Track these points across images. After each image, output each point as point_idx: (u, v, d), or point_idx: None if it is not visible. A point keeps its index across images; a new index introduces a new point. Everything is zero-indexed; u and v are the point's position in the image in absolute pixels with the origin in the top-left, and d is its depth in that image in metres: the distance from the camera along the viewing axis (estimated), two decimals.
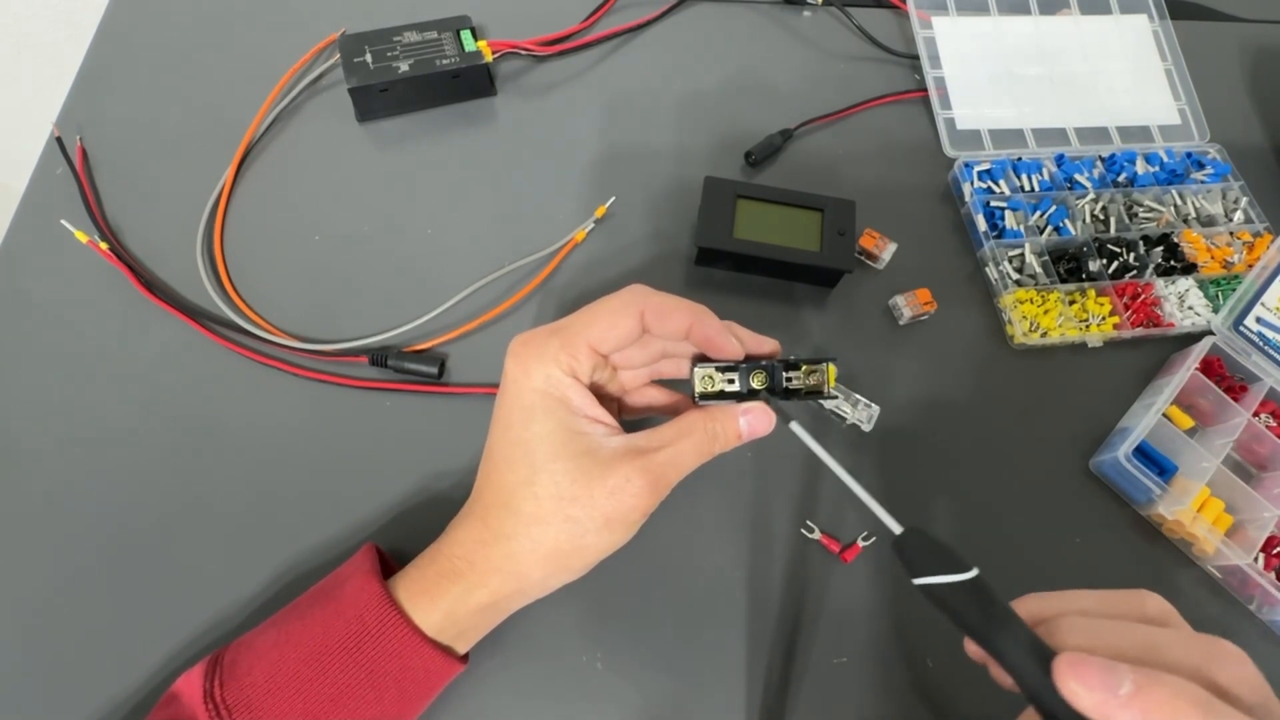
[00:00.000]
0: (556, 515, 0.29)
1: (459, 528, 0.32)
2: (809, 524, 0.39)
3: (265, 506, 0.38)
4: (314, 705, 0.28)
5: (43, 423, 0.39)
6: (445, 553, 0.31)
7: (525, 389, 0.30)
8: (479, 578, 0.30)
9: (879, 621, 0.38)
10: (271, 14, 0.53)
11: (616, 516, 0.29)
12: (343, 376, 0.41)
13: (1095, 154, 0.51)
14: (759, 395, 0.32)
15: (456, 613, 0.30)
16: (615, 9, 0.55)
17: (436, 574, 0.31)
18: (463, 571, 0.30)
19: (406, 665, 0.29)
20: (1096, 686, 0.21)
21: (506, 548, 0.30)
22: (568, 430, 0.29)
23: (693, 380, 0.32)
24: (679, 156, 0.50)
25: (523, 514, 0.29)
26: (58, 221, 0.43)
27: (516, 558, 0.30)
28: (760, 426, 0.31)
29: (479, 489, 0.32)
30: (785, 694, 0.36)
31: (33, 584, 0.36)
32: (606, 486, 0.29)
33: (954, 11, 0.56)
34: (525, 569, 0.30)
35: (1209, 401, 0.43)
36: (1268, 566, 0.39)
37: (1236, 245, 0.48)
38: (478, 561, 0.30)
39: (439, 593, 0.30)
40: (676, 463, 0.30)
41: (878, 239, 0.46)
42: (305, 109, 0.49)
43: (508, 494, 0.30)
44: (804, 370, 0.32)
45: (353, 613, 0.29)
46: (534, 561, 0.30)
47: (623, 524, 0.30)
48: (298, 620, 0.30)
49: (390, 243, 0.46)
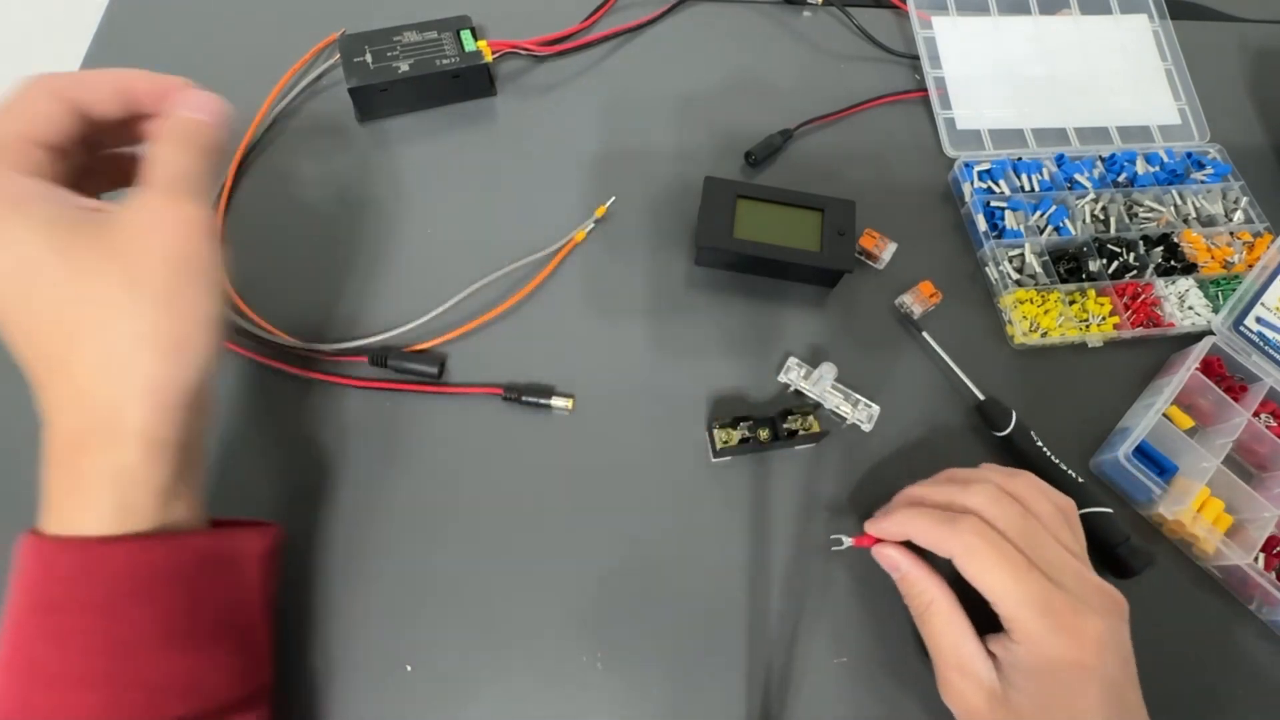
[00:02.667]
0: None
1: None
2: (837, 537, 0.38)
3: (264, 506, 0.38)
4: None
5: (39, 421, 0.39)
6: None
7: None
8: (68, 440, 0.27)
9: (879, 621, 0.38)
10: (271, 13, 0.53)
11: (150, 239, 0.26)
12: (342, 376, 0.41)
13: (1095, 154, 0.51)
14: (767, 446, 0.40)
15: (92, 490, 0.26)
16: (615, 9, 0.55)
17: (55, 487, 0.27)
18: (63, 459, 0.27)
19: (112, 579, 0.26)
20: None
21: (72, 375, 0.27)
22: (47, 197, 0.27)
23: (712, 438, 0.40)
24: (679, 156, 0.50)
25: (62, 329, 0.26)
26: None
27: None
28: (208, 103, 0.32)
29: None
30: (785, 694, 0.36)
31: None
32: (122, 221, 0.26)
33: (954, 11, 0.56)
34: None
35: (1209, 401, 0.43)
36: (1268, 566, 0.39)
37: (1236, 245, 0.48)
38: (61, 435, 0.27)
39: (61, 491, 0.27)
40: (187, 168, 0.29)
41: (878, 239, 0.46)
42: (305, 109, 0.49)
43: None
44: (798, 415, 0.40)
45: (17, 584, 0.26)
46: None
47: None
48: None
49: (390, 242, 0.46)
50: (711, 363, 0.43)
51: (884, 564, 0.36)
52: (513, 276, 0.44)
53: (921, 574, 0.35)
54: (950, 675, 0.33)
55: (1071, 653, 0.30)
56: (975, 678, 0.32)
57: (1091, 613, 0.31)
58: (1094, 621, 0.30)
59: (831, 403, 0.42)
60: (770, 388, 0.43)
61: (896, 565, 0.36)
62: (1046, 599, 0.31)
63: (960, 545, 0.32)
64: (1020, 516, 0.33)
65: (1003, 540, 0.32)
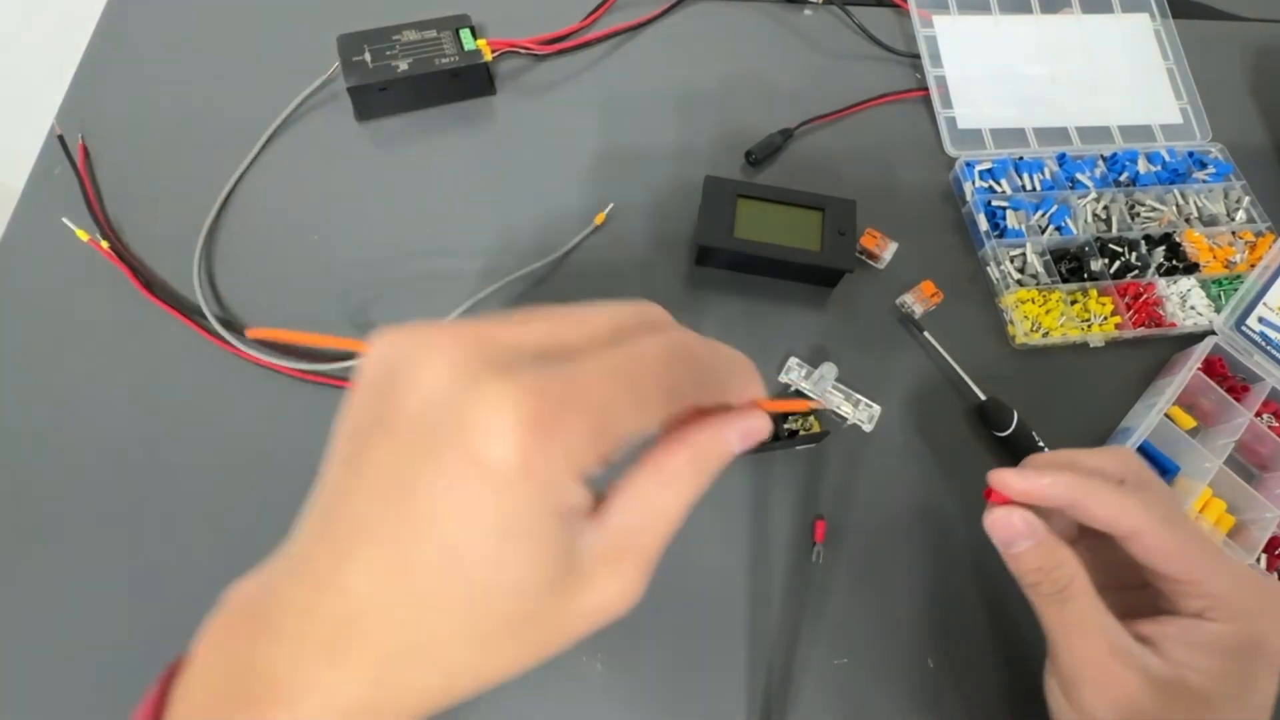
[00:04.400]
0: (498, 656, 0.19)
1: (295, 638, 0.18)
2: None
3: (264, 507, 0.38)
4: None
5: (40, 421, 0.39)
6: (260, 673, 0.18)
7: (519, 496, 0.17)
8: None
9: (879, 622, 0.38)
10: (271, 10, 0.53)
11: (589, 628, 0.20)
12: (341, 378, 0.41)
13: (1097, 153, 0.51)
14: (768, 446, 0.38)
15: None
16: (615, 8, 0.55)
17: None
18: None
19: None
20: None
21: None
22: (554, 562, 0.18)
23: None
24: (679, 156, 0.50)
25: (440, 661, 0.18)
26: (55, 219, 0.43)
27: None
28: (758, 432, 0.23)
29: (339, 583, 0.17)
30: (785, 694, 0.36)
31: (28, 583, 0.36)
32: (584, 608, 0.19)
33: (955, 10, 0.56)
34: None
35: (1211, 402, 0.43)
36: (1270, 567, 0.39)
37: (1238, 245, 0.48)
38: None
39: None
40: (664, 524, 0.21)
41: (879, 239, 0.46)
42: (304, 108, 0.49)
43: (419, 633, 0.18)
44: (799, 415, 0.40)
45: None
46: None
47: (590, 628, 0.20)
48: None
49: (390, 242, 0.45)
50: None
51: (1006, 533, 0.29)
52: (512, 276, 0.44)
53: (1061, 545, 0.29)
54: (1106, 663, 0.27)
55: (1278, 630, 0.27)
56: (1137, 663, 0.27)
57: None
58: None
59: (832, 403, 0.41)
60: (771, 388, 0.43)
61: (1030, 532, 0.29)
62: (1253, 576, 0.28)
63: (1159, 516, 0.28)
64: None
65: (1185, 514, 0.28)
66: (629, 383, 0.18)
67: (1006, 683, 0.37)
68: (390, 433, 0.17)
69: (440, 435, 0.17)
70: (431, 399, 0.17)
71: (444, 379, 0.17)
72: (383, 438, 0.18)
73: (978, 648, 0.37)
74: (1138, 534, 0.28)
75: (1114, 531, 0.28)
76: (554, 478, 0.17)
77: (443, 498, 0.16)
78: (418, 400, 0.17)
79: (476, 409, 0.16)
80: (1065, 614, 0.29)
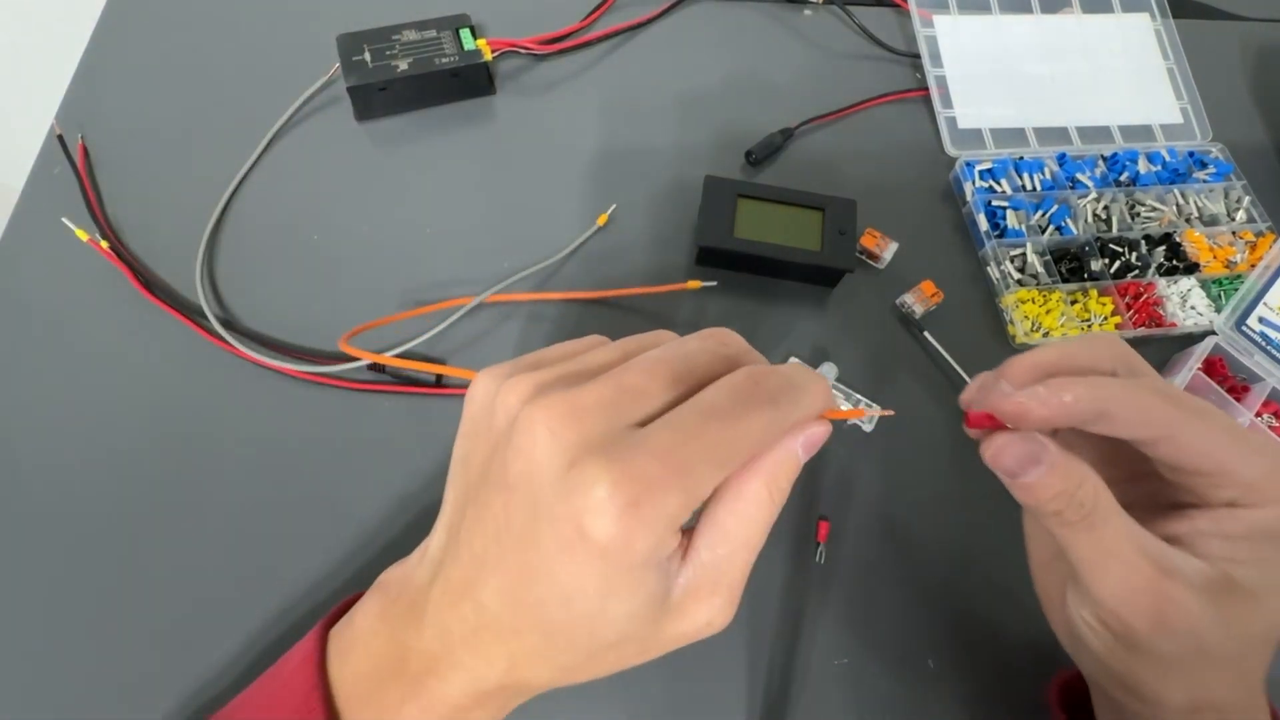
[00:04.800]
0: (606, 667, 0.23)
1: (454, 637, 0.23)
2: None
3: (263, 507, 0.38)
4: None
5: (38, 421, 0.39)
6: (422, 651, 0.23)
7: (620, 563, 0.20)
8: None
9: (880, 622, 0.38)
10: (271, 10, 0.53)
11: (684, 644, 0.23)
12: (340, 379, 0.41)
13: (1097, 153, 0.51)
14: None
15: None
16: (615, 8, 0.55)
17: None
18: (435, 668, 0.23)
19: None
20: None
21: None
22: (650, 604, 0.22)
23: None
24: (679, 156, 0.50)
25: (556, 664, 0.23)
26: (54, 219, 0.43)
27: None
28: (821, 438, 0.25)
29: (489, 603, 0.22)
30: (785, 694, 0.36)
31: (27, 582, 0.36)
32: (677, 633, 0.23)
33: (955, 10, 0.56)
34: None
35: (1211, 402, 0.43)
36: None
37: (1239, 245, 0.48)
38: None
39: None
40: (747, 553, 0.23)
41: (879, 238, 0.46)
42: (304, 108, 0.49)
43: (539, 643, 0.22)
44: None
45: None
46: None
47: None
48: None
49: (389, 242, 0.45)
50: None
51: (1015, 461, 0.24)
52: (512, 276, 0.44)
53: (1077, 460, 0.24)
54: (1158, 587, 0.23)
55: None
56: (1183, 572, 0.24)
57: None
58: None
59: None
60: None
61: (1043, 455, 0.24)
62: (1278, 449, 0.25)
63: (1185, 410, 0.24)
64: None
65: None
66: (714, 444, 0.21)
67: (1006, 683, 0.37)
68: (505, 489, 0.21)
69: (552, 508, 0.20)
70: (540, 475, 0.20)
71: (548, 454, 0.20)
72: (499, 491, 0.21)
73: (978, 648, 0.37)
74: (1171, 435, 0.24)
75: (1146, 436, 0.24)
76: (649, 543, 0.20)
77: (556, 559, 0.20)
78: (527, 467, 0.21)
79: (581, 494, 0.19)
80: (1100, 540, 0.24)
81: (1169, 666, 0.25)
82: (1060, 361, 0.26)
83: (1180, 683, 0.25)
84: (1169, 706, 0.25)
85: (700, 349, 0.23)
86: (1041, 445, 0.24)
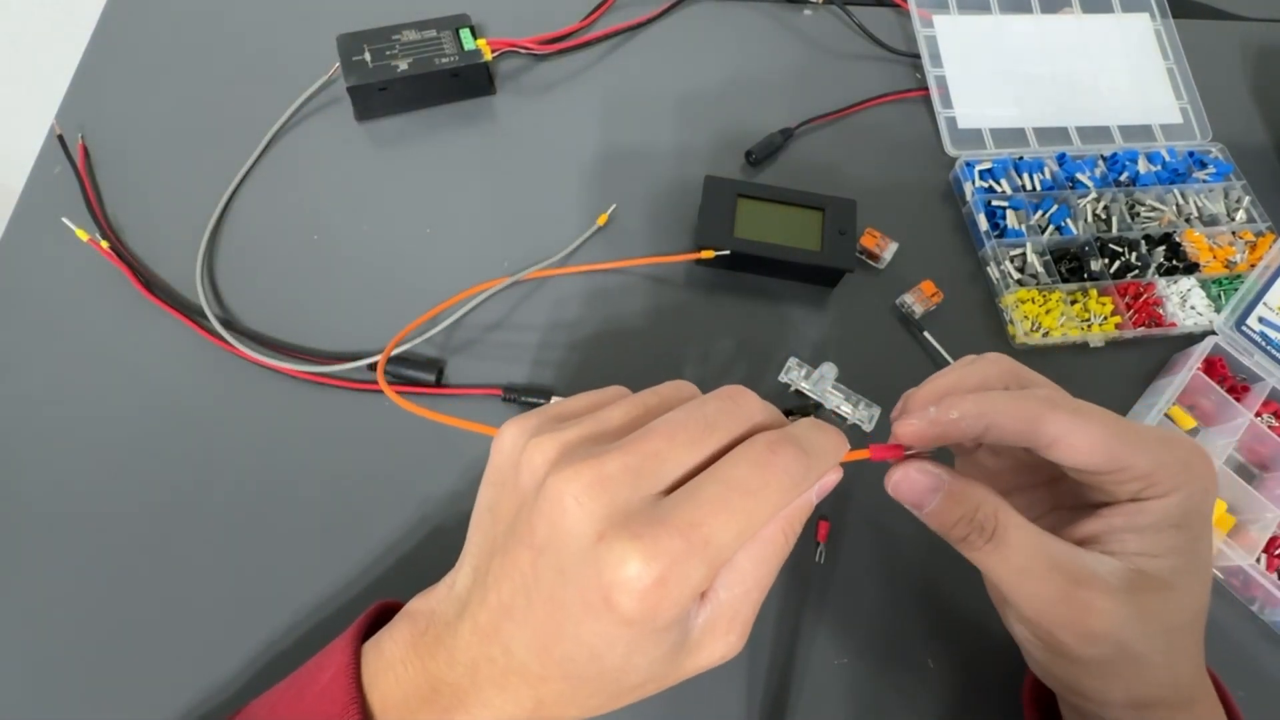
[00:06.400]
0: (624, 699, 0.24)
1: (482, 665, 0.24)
2: None
3: (263, 506, 0.38)
4: None
5: (39, 421, 0.39)
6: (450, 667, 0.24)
7: (646, 630, 0.21)
8: None
9: (879, 622, 0.38)
10: (271, 10, 0.53)
11: (697, 673, 0.24)
12: (340, 378, 0.41)
13: (1097, 153, 0.51)
14: None
15: None
16: (615, 7, 0.55)
17: None
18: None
19: None
20: None
21: None
22: (672, 651, 0.23)
23: None
24: (679, 156, 0.50)
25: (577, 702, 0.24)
26: (55, 219, 0.43)
27: None
28: (833, 483, 0.25)
29: (518, 649, 0.23)
30: (785, 694, 0.36)
31: (27, 583, 0.36)
32: (694, 666, 0.24)
33: (955, 10, 0.56)
34: None
35: (1211, 402, 0.43)
36: (1270, 568, 0.39)
37: (1239, 245, 0.48)
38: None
39: None
40: (760, 591, 0.24)
41: (879, 238, 0.46)
42: (304, 108, 0.49)
43: (566, 688, 0.23)
44: (799, 416, 0.36)
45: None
46: None
47: None
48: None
49: (390, 242, 0.45)
50: (712, 363, 0.43)
51: (915, 493, 0.26)
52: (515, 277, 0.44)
53: (971, 483, 0.26)
54: (1073, 597, 0.24)
55: (1212, 485, 0.25)
56: (1095, 576, 0.24)
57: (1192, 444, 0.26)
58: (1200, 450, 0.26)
59: (832, 403, 0.41)
60: (771, 388, 0.43)
61: (937, 483, 0.26)
62: (1163, 436, 0.25)
63: (1070, 412, 0.25)
64: None
65: None
66: (736, 516, 0.21)
67: (1006, 683, 0.37)
68: (532, 549, 0.22)
69: (581, 576, 0.21)
70: (567, 544, 0.21)
71: (576, 524, 0.21)
72: (527, 549, 0.22)
73: (978, 648, 0.37)
74: (1060, 438, 0.25)
75: (1034, 444, 0.25)
76: (674, 614, 0.21)
77: (583, 623, 0.21)
78: (554, 534, 0.21)
79: (610, 570, 0.20)
80: (1008, 558, 0.25)
81: (1102, 669, 0.25)
82: (955, 384, 0.28)
83: (1117, 683, 0.26)
84: (1114, 704, 0.26)
85: (718, 410, 0.24)
86: (936, 475, 0.26)
